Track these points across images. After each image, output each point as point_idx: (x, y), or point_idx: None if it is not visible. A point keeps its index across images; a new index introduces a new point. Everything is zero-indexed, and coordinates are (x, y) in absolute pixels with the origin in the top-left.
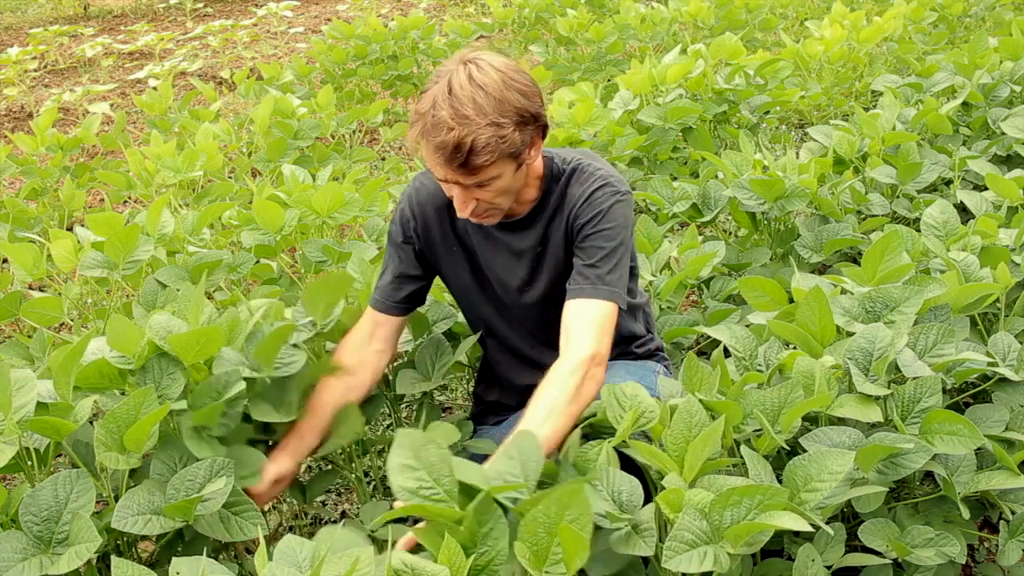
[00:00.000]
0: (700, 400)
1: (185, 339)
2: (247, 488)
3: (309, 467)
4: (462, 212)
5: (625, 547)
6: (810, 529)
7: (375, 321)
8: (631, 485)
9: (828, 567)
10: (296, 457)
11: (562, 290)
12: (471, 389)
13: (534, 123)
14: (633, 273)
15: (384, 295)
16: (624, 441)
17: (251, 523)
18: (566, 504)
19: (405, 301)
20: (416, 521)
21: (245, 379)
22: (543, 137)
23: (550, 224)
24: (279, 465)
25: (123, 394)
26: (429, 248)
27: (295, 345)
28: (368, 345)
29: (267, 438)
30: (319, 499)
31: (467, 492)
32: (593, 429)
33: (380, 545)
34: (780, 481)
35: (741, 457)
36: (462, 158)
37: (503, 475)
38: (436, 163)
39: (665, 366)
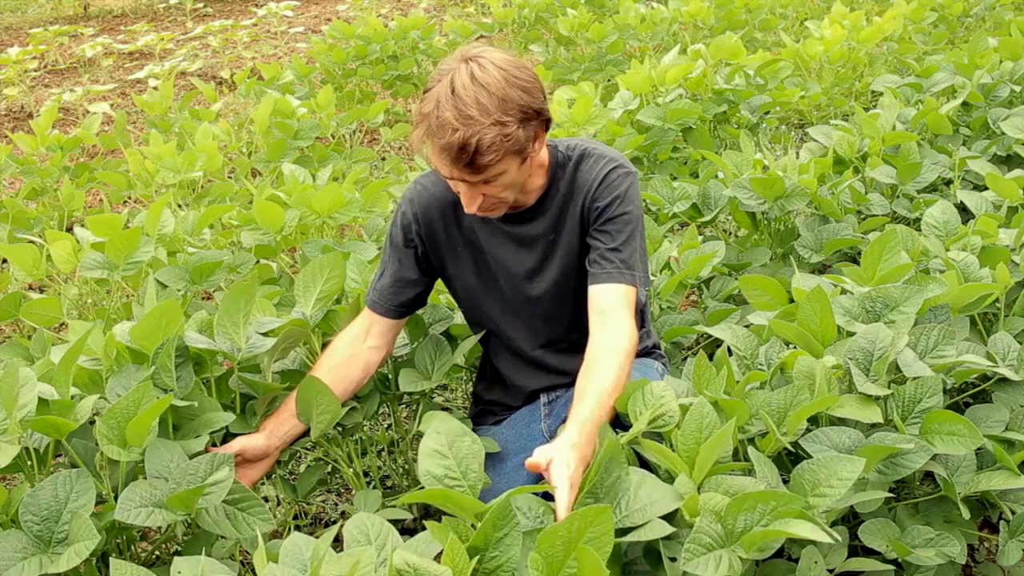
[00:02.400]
0: (710, 397)
1: (146, 324)
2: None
3: (310, 466)
4: (469, 208)
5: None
6: (825, 539)
7: (371, 320)
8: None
9: (831, 570)
10: (270, 439)
11: (571, 280)
12: (471, 389)
13: (537, 118)
14: None
15: (383, 297)
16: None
17: (259, 519)
18: (590, 521)
19: (403, 305)
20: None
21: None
22: (547, 130)
23: (563, 210)
24: (249, 439)
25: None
26: (433, 250)
27: (265, 334)
28: (363, 341)
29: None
30: (319, 499)
31: None
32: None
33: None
34: (785, 482)
35: (745, 459)
36: (468, 158)
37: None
38: (442, 163)
39: (663, 363)
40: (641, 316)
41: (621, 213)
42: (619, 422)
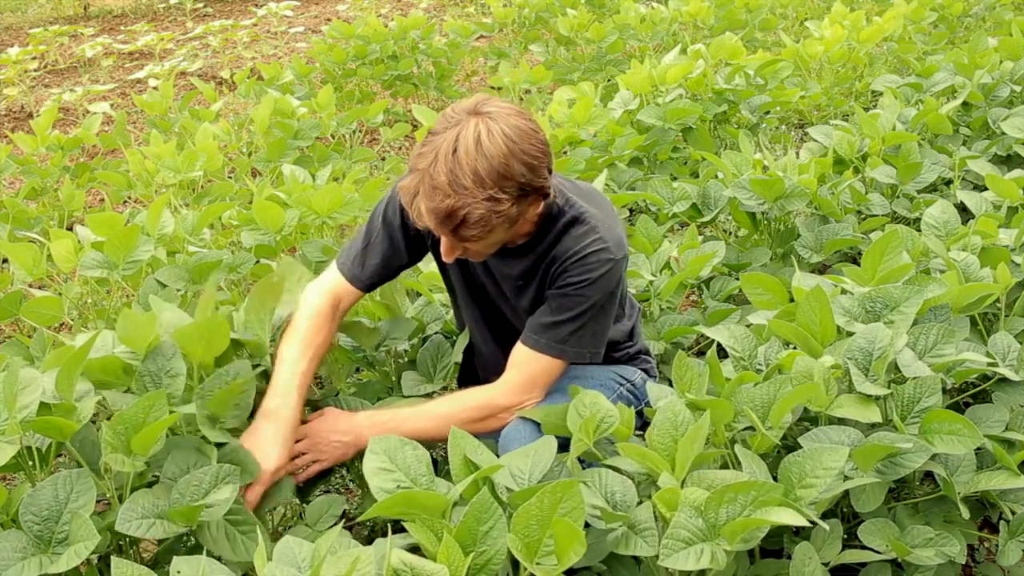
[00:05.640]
0: (688, 399)
1: (191, 331)
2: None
3: None
4: (447, 257)
5: (625, 548)
6: (806, 524)
7: (347, 292)
8: (624, 485)
9: (826, 564)
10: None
11: None
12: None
13: (536, 191)
14: (622, 300)
15: (369, 274)
16: (593, 450)
17: (255, 542)
18: (559, 497)
19: (383, 279)
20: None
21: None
22: (545, 199)
23: (537, 264)
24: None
25: (128, 391)
26: (432, 236)
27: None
28: (333, 318)
29: None
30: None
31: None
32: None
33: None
34: (776, 479)
35: (734, 453)
36: (452, 226)
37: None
38: (428, 220)
39: (645, 370)
40: (631, 328)
41: (579, 294)
42: (567, 444)
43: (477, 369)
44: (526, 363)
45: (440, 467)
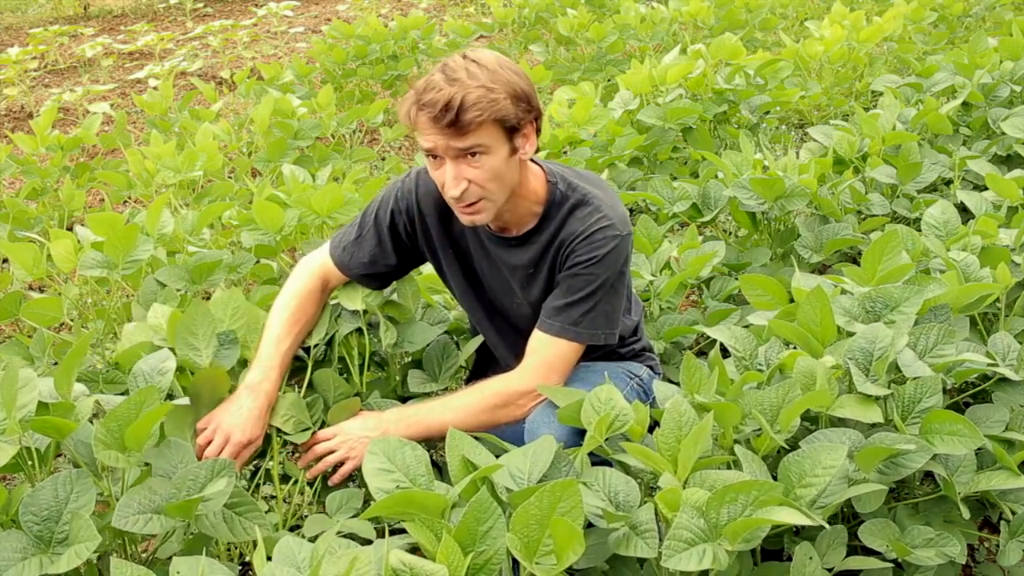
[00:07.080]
0: (698, 402)
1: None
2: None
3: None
4: (453, 188)
5: (626, 549)
6: (807, 522)
7: (335, 274)
8: (628, 485)
9: (829, 569)
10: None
11: None
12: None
13: (527, 103)
14: (628, 292)
15: (356, 265)
16: (603, 446)
17: (256, 523)
18: (558, 496)
19: (371, 276)
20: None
21: None
22: (537, 131)
23: (546, 249)
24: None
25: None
26: (427, 243)
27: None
28: (322, 297)
29: None
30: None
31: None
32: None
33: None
34: (776, 479)
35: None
36: (452, 115)
37: (510, 466)
38: (426, 125)
39: (650, 367)
40: (635, 329)
41: (589, 272)
42: (581, 436)
43: (487, 374)
44: (542, 348)
45: (444, 472)
